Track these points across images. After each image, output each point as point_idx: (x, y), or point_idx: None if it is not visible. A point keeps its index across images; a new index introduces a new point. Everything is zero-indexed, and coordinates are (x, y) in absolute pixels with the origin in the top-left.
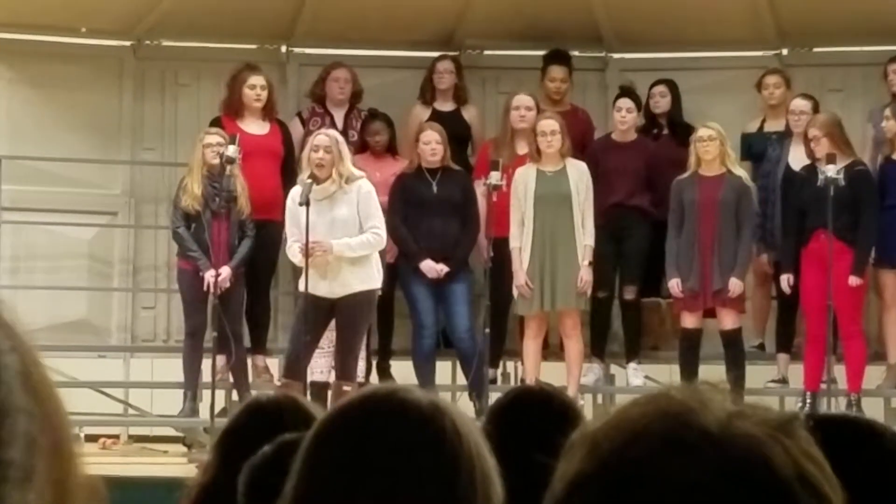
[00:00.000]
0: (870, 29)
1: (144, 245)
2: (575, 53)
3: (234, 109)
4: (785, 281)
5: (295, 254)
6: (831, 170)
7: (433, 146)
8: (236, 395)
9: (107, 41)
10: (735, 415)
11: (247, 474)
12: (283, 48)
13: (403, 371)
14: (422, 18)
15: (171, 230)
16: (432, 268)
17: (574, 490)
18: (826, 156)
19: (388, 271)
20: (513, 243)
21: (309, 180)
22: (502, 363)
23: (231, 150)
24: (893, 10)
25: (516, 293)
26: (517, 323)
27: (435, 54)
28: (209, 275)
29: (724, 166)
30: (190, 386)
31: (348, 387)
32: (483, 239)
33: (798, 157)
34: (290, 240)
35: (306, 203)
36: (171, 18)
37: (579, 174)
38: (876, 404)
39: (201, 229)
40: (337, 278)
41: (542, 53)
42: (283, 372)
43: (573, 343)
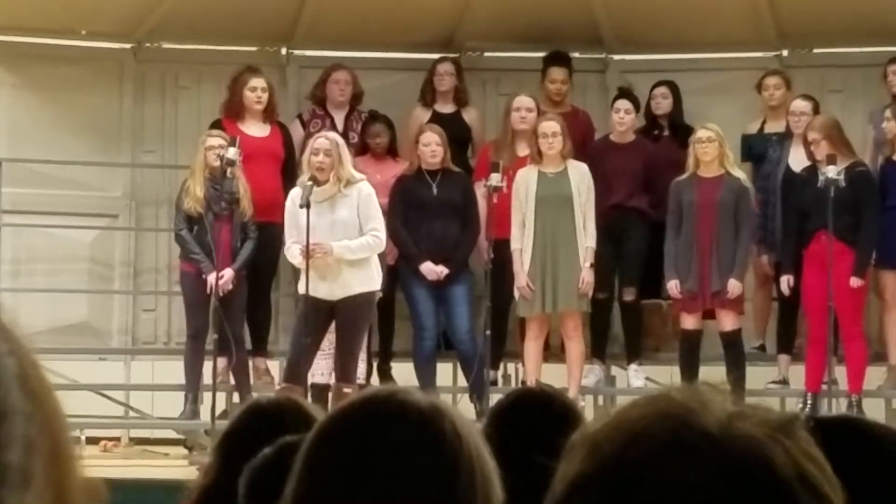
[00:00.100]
0: (870, 30)
1: (145, 248)
2: (575, 55)
3: (235, 112)
4: (785, 282)
5: (294, 255)
6: (832, 171)
7: (433, 148)
8: (237, 398)
9: (107, 44)
10: (735, 416)
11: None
12: (284, 50)
13: (404, 373)
14: (422, 20)
15: (174, 232)
16: (432, 270)
17: (574, 491)
18: (826, 157)
19: (389, 273)
20: (514, 245)
21: (309, 182)
22: (503, 365)
23: (231, 153)
24: (893, 11)
25: (517, 295)
26: (518, 324)
27: (435, 56)
28: (212, 277)
29: (723, 168)
30: (191, 388)
31: (349, 389)
32: (483, 241)
33: (798, 159)
34: (289, 241)
35: (307, 205)
36: (172, 21)
37: (581, 176)
38: (877, 405)
39: (204, 231)
40: (337, 280)
41: (543, 55)
42: (284, 376)
43: (574, 344)
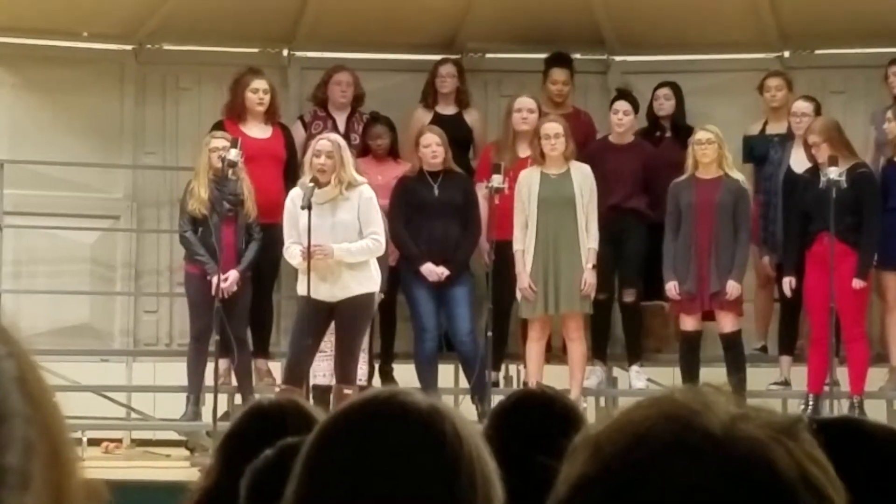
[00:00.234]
0: (871, 31)
1: (146, 249)
2: (577, 56)
3: (237, 113)
4: (787, 284)
5: (294, 255)
6: (833, 172)
7: (433, 148)
8: (239, 399)
9: (108, 45)
10: (738, 417)
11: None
12: (285, 52)
13: (406, 374)
14: (423, 21)
15: (179, 234)
16: (433, 271)
17: (577, 493)
18: (828, 158)
19: (390, 274)
20: (516, 246)
21: (311, 184)
22: (504, 366)
23: (233, 154)
24: (895, 12)
25: (519, 296)
26: (519, 326)
27: (437, 57)
28: (217, 279)
29: (722, 169)
30: (194, 389)
31: (349, 390)
32: (484, 242)
33: (799, 160)
34: (288, 241)
35: (308, 207)
36: (173, 22)
37: (583, 177)
38: (878, 406)
39: (208, 233)
40: (337, 282)
41: (544, 56)
42: (283, 378)
43: (576, 346)
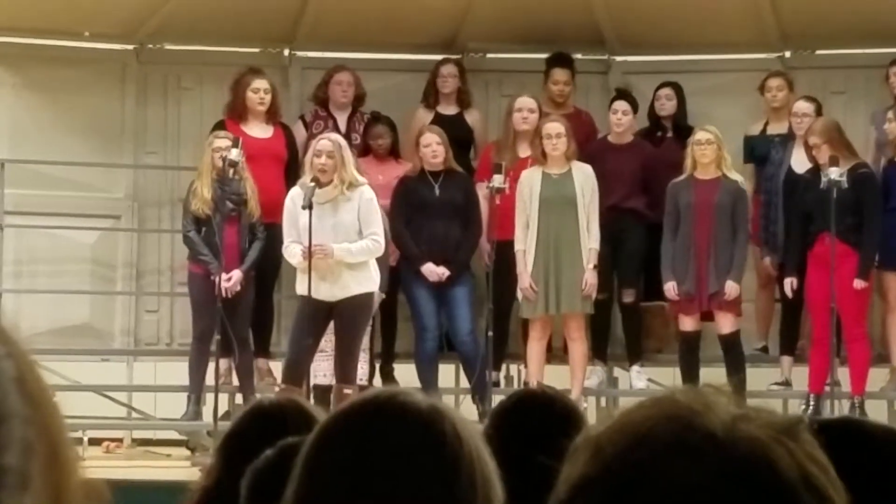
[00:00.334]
0: (872, 31)
1: (147, 249)
2: (578, 56)
3: (238, 113)
4: (788, 284)
5: (293, 254)
6: (834, 172)
7: (433, 148)
8: (240, 399)
9: (109, 45)
10: (739, 418)
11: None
12: (286, 51)
13: (407, 374)
14: (424, 21)
15: (182, 234)
16: (433, 271)
17: (578, 493)
18: (829, 158)
19: (391, 274)
20: (518, 246)
21: (312, 184)
22: (505, 366)
23: (234, 154)
24: (894, 12)
25: (521, 296)
26: (520, 326)
27: (437, 57)
28: (221, 278)
29: (720, 170)
30: (195, 389)
31: (349, 390)
32: (484, 242)
33: (800, 160)
34: (287, 240)
35: (309, 206)
36: (174, 22)
37: (585, 177)
38: (879, 406)
39: (212, 233)
40: (336, 281)
41: (545, 56)
42: (283, 377)
43: (578, 346)
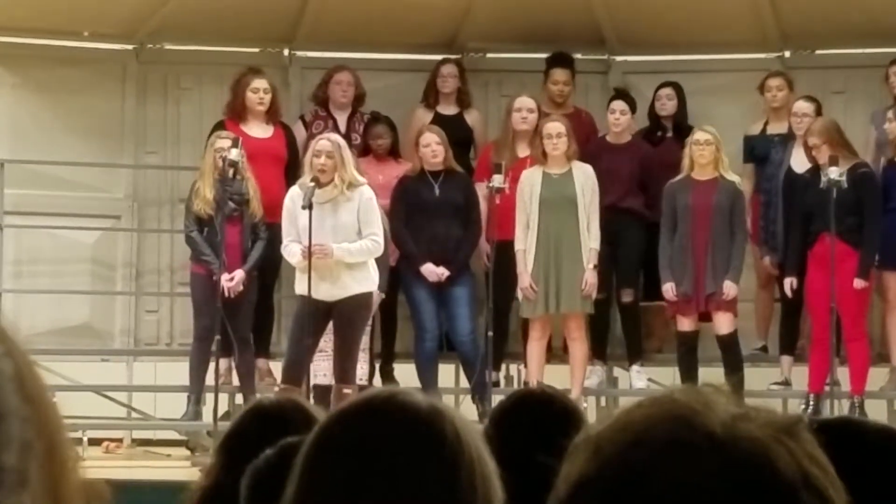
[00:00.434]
0: (872, 31)
1: (147, 249)
2: (577, 56)
3: (238, 113)
4: (788, 284)
5: (293, 254)
6: (834, 172)
7: (433, 148)
8: (240, 399)
9: (109, 45)
10: (739, 417)
11: (249, 478)
12: (286, 51)
13: (406, 374)
14: (424, 21)
15: (185, 234)
16: (433, 271)
17: (577, 492)
18: (829, 158)
19: (391, 275)
20: (518, 245)
21: (311, 184)
22: (505, 366)
23: (233, 154)
24: (894, 12)
25: (521, 296)
26: (520, 326)
27: (437, 57)
28: (223, 278)
29: (718, 171)
30: (195, 389)
31: (349, 389)
32: (484, 242)
33: (800, 160)
34: (287, 239)
35: (309, 206)
36: (174, 22)
37: (585, 177)
38: (879, 406)
39: (214, 233)
40: (336, 281)
41: (545, 56)
42: (282, 377)
43: (578, 346)
